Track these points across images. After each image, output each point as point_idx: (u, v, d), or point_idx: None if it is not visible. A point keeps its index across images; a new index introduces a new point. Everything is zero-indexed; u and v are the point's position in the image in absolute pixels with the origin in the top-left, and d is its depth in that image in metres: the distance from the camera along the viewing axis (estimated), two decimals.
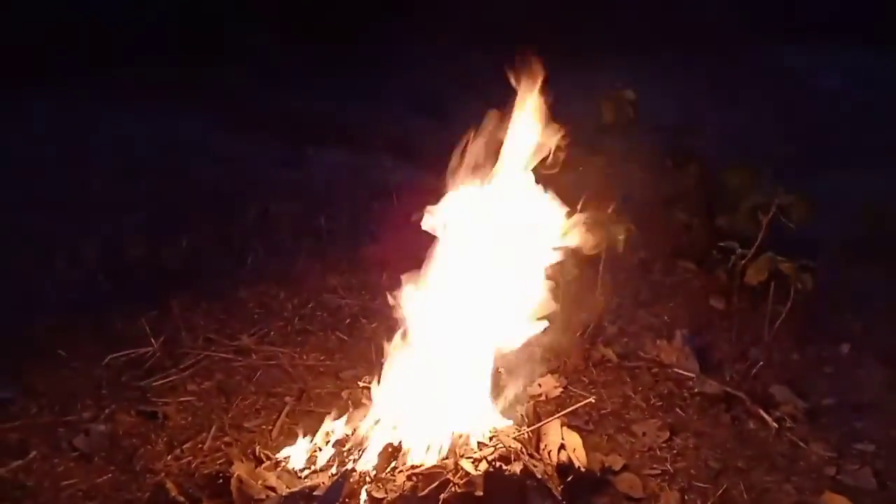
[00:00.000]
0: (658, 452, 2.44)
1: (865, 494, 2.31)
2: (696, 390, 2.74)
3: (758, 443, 2.53)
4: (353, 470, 2.00)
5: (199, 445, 2.34)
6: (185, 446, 2.33)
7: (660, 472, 2.34)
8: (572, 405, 2.48)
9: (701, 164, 3.42)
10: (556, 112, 2.31)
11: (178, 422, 2.45)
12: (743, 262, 2.86)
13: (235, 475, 2.03)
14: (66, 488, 2.17)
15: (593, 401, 2.53)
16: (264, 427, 2.45)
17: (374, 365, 2.74)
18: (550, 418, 2.24)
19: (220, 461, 2.25)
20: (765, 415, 2.63)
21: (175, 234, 3.82)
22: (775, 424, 2.60)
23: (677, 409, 2.66)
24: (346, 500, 1.94)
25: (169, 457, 2.28)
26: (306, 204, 4.37)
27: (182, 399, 2.57)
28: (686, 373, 2.82)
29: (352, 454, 2.14)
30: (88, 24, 6.07)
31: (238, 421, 2.48)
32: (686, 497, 2.24)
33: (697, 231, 3.42)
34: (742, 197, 3.11)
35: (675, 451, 2.45)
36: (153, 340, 2.81)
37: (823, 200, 3.54)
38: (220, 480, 2.04)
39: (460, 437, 2.08)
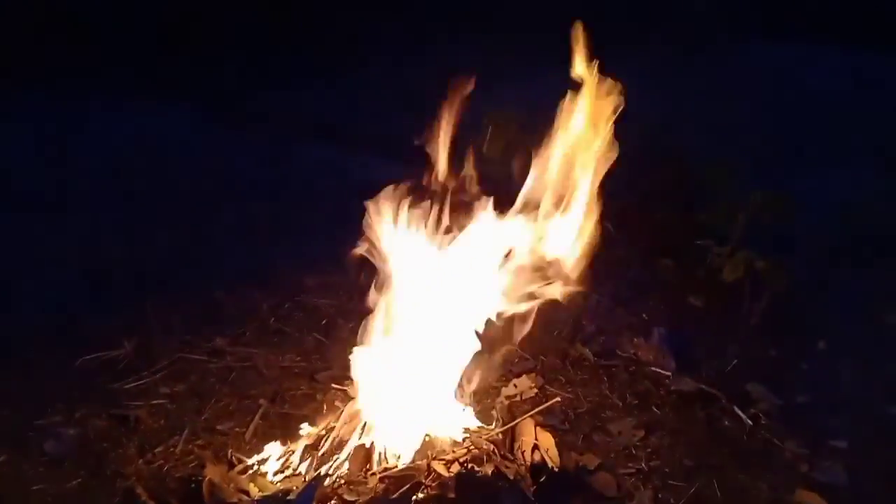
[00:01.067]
0: (633, 451, 2.44)
1: (838, 490, 2.32)
2: (672, 388, 2.74)
3: (732, 440, 2.53)
4: (326, 474, 1.99)
5: (171, 449, 2.32)
6: (156, 450, 2.31)
7: (634, 470, 2.34)
8: (548, 404, 2.47)
9: (680, 161, 3.43)
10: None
11: (150, 425, 2.43)
12: (720, 259, 2.86)
13: (207, 479, 2.02)
14: (35, 494, 2.14)
15: (560, 399, 2.51)
16: (238, 430, 2.43)
17: (349, 366, 2.74)
18: (521, 417, 2.23)
19: (193, 465, 2.23)
20: (740, 412, 2.64)
21: (153, 233, 3.81)
22: (750, 422, 2.61)
23: (653, 408, 2.66)
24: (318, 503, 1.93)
25: (140, 461, 2.25)
26: (287, 202, 4.36)
27: (154, 402, 2.54)
28: (662, 371, 2.82)
29: (325, 458, 2.13)
30: (71, 21, 6.02)
31: (211, 424, 2.46)
32: (660, 496, 2.24)
33: (676, 228, 3.42)
34: (720, 194, 3.12)
35: (649, 450, 2.45)
36: (126, 342, 2.78)
37: (805, 198, 3.57)
38: (193, 485, 2.02)
39: (433, 438, 2.07)
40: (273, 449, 2.23)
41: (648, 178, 3.59)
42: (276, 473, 2.10)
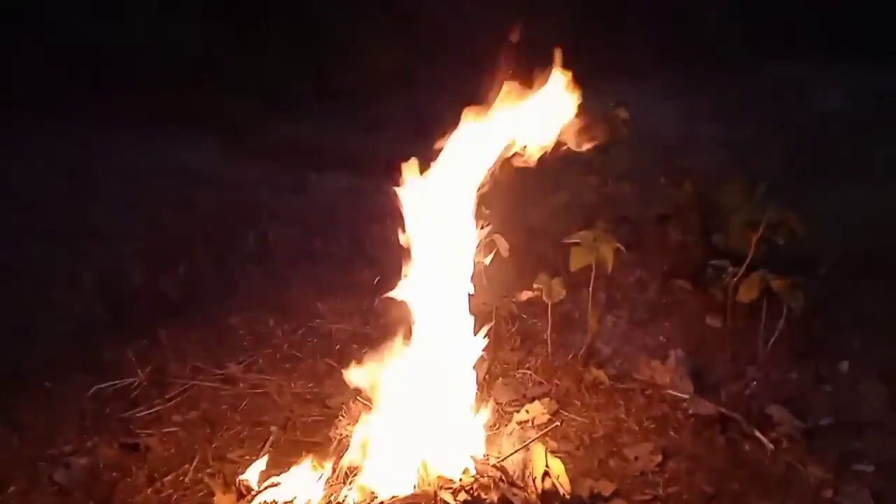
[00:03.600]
0: (650, 477, 2.38)
1: None
2: (690, 412, 2.68)
3: (753, 465, 2.46)
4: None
5: (181, 478, 2.31)
6: (166, 479, 2.31)
7: (651, 497, 2.29)
8: (552, 427, 2.42)
9: (695, 182, 3.39)
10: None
11: (160, 453, 2.43)
12: (735, 279, 2.81)
13: None
14: None
15: (565, 422, 2.46)
16: (248, 458, 2.41)
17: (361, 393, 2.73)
18: (529, 441, 2.18)
19: (201, 493, 2.22)
20: (760, 436, 2.57)
21: (174, 262, 3.83)
22: (771, 446, 2.54)
23: (671, 432, 2.60)
24: None
25: (149, 490, 2.25)
26: (305, 229, 4.38)
27: (166, 430, 2.55)
28: (680, 394, 2.76)
29: (335, 487, 2.10)
30: (89, 51, 6.14)
31: (222, 452, 2.45)
32: None
33: (692, 249, 3.38)
34: (735, 214, 3.07)
35: (667, 476, 2.39)
36: (139, 371, 2.80)
37: (822, 217, 3.51)
38: None
39: (439, 466, 2.04)
40: (284, 477, 2.21)
41: (664, 200, 3.56)
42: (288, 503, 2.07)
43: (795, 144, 5.25)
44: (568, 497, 2.10)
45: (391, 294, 2.13)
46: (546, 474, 2.14)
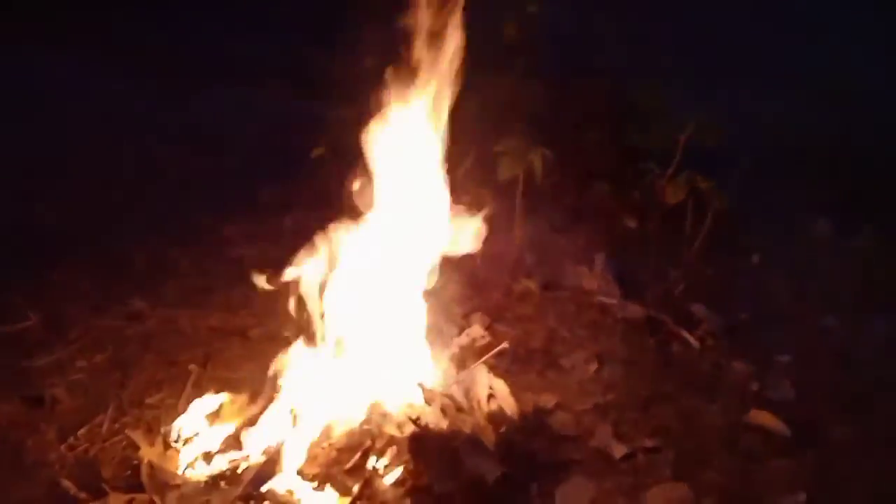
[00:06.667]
0: (588, 385, 2.39)
1: (786, 407, 2.33)
2: (619, 316, 2.70)
3: (683, 365, 2.52)
4: (277, 450, 1.82)
5: (96, 430, 2.09)
6: (79, 432, 2.08)
7: (592, 406, 2.29)
8: (497, 350, 2.36)
9: (609, 83, 3.32)
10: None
11: (69, 405, 2.19)
12: (661, 181, 2.79)
13: (146, 461, 1.83)
14: None
15: (508, 344, 2.41)
16: (169, 401, 2.21)
17: (284, 321, 2.56)
18: (471, 367, 2.12)
19: (123, 446, 2.02)
20: (688, 335, 2.62)
21: (50, 188, 3.45)
22: (697, 344, 2.61)
23: (603, 338, 2.62)
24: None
25: (63, 446, 2.02)
26: (195, 146, 4.04)
27: (71, 378, 2.30)
28: (608, 299, 2.77)
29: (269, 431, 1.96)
30: None
31: (138, 397, 2.23)
32: (619, 430, 2.19)
33: (609, 151, 3.33)
34: (655, 116, 3.03)
35: (604, 383, 2.40)
36: (31, 314, 2.51)
37: (725, 116, 3.53)
38: (128, 471, 1.83)
39: (380, 400, 1.94)
40: (211, 421, 2.05)
41: (578, 101, 3.47)
42: (217, 452, 1.92)
43: (697, 43, 5.24)
44: (515, 417, 2.06)
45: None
46: (491, 396, 2.10)
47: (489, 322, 2.61)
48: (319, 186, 2.72)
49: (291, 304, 2.05)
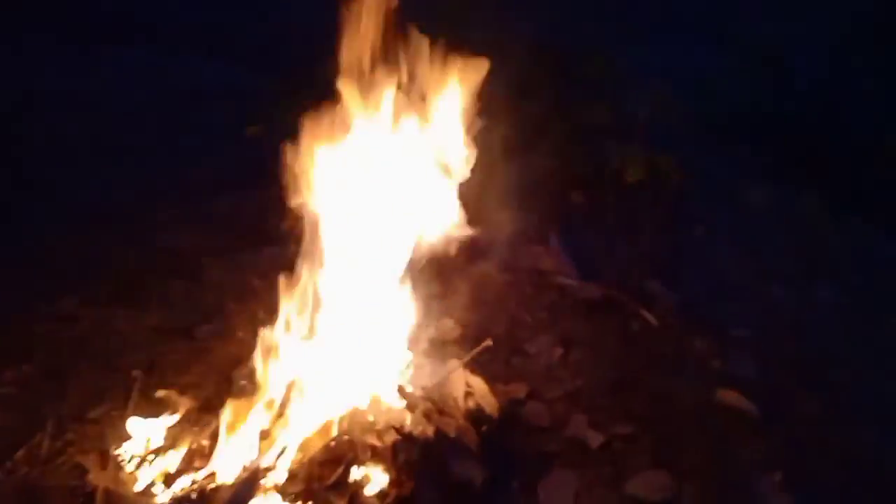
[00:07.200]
0: (556, 371, 2.34)
1: (750, 384, 2.35)
2: (579, 297, 2.65)
3: (645, 344, 2.50)
4: (257, 468, 1.68)
5: (35, 451, 1.88)
6: (16, 455, 1.86)
7: (562, 393, 2.24)
8: (470, 343, 2.26)
9: (554, 54, 3.22)
10: None
11: (0, 423, 1.97)
12: (620, 159, 2.74)
13: (100, 489, 1.65)
14: None
15: (490, 343, 2.32)
16: (114, 413, 2.01)
17: (230, 317, 2.39)
18: (452, 368, 2.02)
19: (66, 469, 1.82)
20: (646, 314, 2.61)
21: None
22: (656, 321, 2.59)
23: (565, 320, 2.56)
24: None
25: None
26: (104, 117, 3.73)
27: (0, 392, 2.06)
28: (567, 280, 2.72)
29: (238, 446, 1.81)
30: None
31: (78, 410, 2.02)
32: (592, 417, 2.15)
33: (554, 124, 3.25)
34: (599, 88, 2.97)
35: (571, 368, 2.35)
36: None
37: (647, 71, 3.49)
38: (82, 499, 1.65)
39: (357, 408, 1.81)
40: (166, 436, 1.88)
41: (518, 72, 3.36)
42: (180, 472, 1.75)
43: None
44: (495, 417, 1.98)
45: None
46: (468, 393, 2.01)
47: (452, 309, 2.51)
48: (253, 165, 2.53)
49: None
